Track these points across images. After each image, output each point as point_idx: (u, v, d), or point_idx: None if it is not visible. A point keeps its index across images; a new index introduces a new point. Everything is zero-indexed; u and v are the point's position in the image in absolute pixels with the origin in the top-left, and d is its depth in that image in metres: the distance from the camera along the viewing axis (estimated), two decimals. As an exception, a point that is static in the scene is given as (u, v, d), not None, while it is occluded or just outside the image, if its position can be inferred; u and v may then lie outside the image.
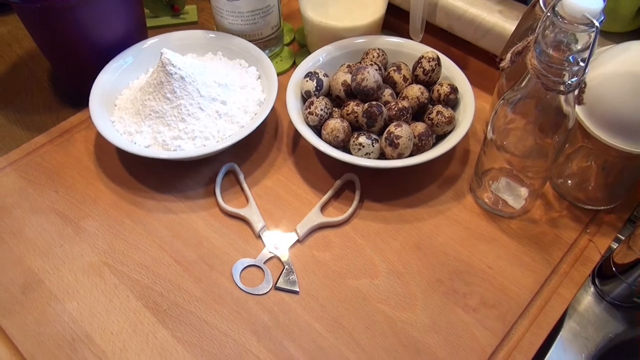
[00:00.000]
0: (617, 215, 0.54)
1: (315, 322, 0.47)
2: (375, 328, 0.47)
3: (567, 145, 0.50)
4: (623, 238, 0.52)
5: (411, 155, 0.54)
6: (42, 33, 0.60)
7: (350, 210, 0.54)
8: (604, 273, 0.50)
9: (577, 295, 0.50)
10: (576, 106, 0.44)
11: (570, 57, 0.39)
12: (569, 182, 0.54)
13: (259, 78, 0.61)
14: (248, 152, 0.60)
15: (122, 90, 0.61)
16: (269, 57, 0.62)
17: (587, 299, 0.50)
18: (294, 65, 0.68)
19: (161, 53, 0.54)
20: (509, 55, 0.45)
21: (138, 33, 0.65)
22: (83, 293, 0.49)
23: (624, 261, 0.48)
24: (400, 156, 0.53)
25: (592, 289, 0.51)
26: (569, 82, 0.40)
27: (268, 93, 0.58)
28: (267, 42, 0.66)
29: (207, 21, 0.75)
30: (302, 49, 0.71)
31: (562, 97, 0.42)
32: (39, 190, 0.56)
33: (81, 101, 0.61)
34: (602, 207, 0.54)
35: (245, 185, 0.56)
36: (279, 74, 0.62)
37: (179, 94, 0.54)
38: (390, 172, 0.57)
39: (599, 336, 0.48)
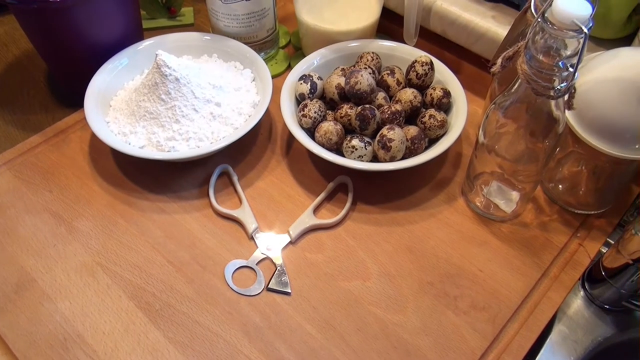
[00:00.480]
0: (607, 219, 0.54)
1: (307, 324, 0.48)
2: (366, 330, 0.47)
3: (557, 150, 0.50)
4: (613, 242, 0.53)
5: (403, 158, 0.54)
6: (39, 34, 0.60)
7: (343, 212, 0.54)
8: (593, 277, 0.51)
9: (567, 298, 0.50)
10: (566, 111, 0.44)
11: (560, 63, 0.40)
12: (560, 186, 0.55)
13: (253, 80, 0.62)
14: (242, 153, 0.60)
15: (117, 91, 0.61)
16: (264, 59, 0.63)
17: (577, 303, 0.51)
18: (289, 68, 0.69)
19: (156, 54, 0.55)
20: (499, 60, 0.45)
21: (134, 34, 0.65)
22: (76, 293, 0.49)
23: (613, 265, 0.48)
24: (392, 159, 0.53)
25: (582, 292, 0.51)
26: (559, 87, 0.41)
27: (262, 95, 0.59)
28: (263, 45, 0.67)
29: (204, 23, 0.76)
30: (297, 51, 0.71)
31: (552, 102, 0.43)
32: (33, 190, 0.57)
33: (77, 101, 0.61)
34: (592, 212, 0.54)
35: (238, 187, 0.56)
36: (274, 77, 0.62)
37: (173, 96, 0.55)
38: (382, 175, 0.58)
39: (588, 340, 0.48)
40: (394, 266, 0.51)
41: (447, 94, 0.57)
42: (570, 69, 0.40)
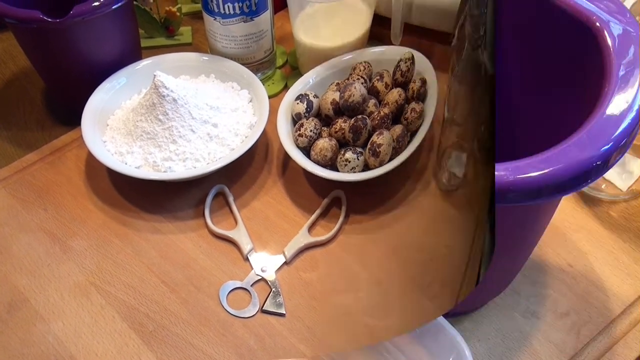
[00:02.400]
0: None
1: (301, 344, 0.47)
2: (359, 346, 0.47)
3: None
4: None
5: (390, 159, 0.54)
6: (37, 52, 0.60)
7: (336, 227, 0.54)
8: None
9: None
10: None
11: None
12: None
13: (250, 101, 0.62)
14: (238, 174, 0.60)
15: (114, 110, 0.61)
16: (261, 80, 0.63)
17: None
18: (286, 87, 0.69)
19: (154, 75, 0.55)
20: (456, 32, 0.46)
21: (132, 53, 0.65)
22: (69, 313, 0.49)
23: None
24: (381, 164, 0.53)
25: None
26: None
27: (259, 116, 0.59)
28: (260, 66, 0.67)
29: (202, 43, 0.76)
30: (294, 71, 0.71)
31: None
32: (28, 209, 0.56)
33: (74, 120, 0.61)
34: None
35: (234, 207, 0.56)
36: (270, 97, 0.62)
37: (171, 116, 0.55)
38: (372, 181, 0.57)
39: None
40: (385, 274, 0.50)
41: (424, 82, 0.57)
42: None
